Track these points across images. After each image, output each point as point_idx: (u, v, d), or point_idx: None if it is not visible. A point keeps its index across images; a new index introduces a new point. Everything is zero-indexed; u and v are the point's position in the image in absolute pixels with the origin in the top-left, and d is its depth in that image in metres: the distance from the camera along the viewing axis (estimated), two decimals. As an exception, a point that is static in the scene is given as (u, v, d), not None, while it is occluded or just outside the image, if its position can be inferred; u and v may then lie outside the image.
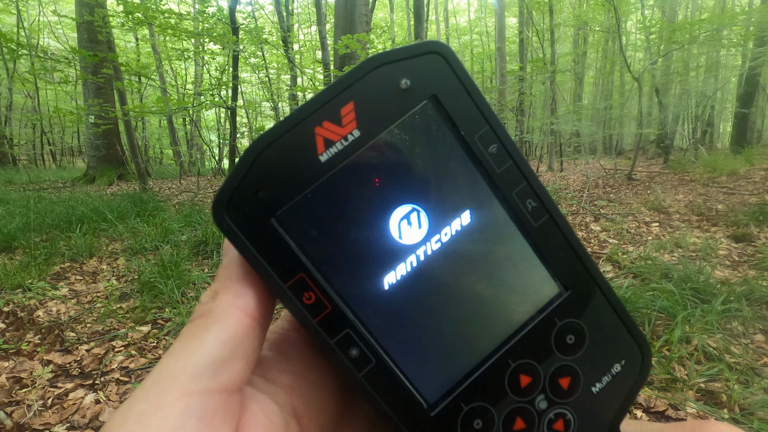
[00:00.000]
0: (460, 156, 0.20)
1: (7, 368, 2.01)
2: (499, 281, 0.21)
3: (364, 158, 0.19)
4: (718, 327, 2.18)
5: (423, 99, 0.19)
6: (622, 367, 0.21)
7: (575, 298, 0.21)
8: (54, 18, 13.77)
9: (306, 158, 0.18)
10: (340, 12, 8.66)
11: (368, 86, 0.19)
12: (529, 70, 11.91)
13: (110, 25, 6.88)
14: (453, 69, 0.20)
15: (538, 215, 0.20)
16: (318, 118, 0.18)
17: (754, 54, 9.73)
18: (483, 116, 0.20)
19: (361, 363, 0.19)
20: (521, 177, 0.20)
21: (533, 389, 0.20)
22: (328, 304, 0.19)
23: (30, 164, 15.16)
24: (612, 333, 0.21)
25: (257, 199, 0.18)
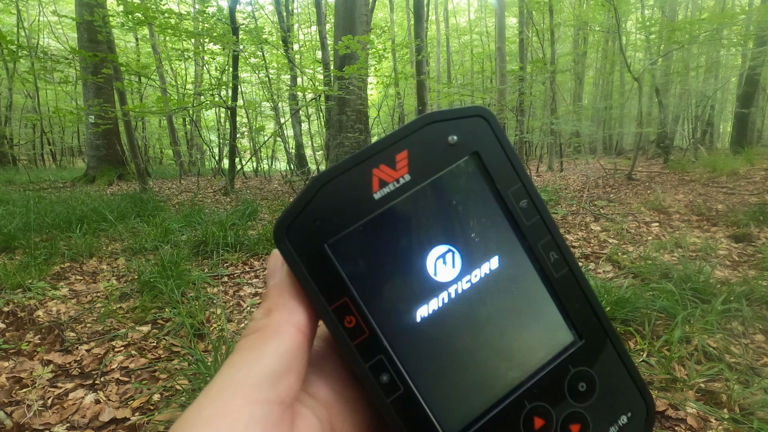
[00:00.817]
0: (494, 207, 0.22)
1: (7, 368, 2.01)
2: (520, 324, 0.22)
3: (411, 200, 0.21)
4: (718, 327, 2.18)
5: (467, 154, 0.22)
6: (628, 420, 0.22)
7: (588, 348, 0.22)
8: (54, 18, 13.76)
9: (362, 195, 0.21)
10: (340, 12, 8.66)
11: (421, 138, 0.22)
12: (529, 70, 11.91)
13: (110, 25, 6.88)
14: (494, 131, 0.22)
15: (559, 267, 0.22)
16: (376, 161, 0.21)
17: (754, 54, 9.73)
18: (517, 174, 0.22)
19: (390, 389, 0.21)
20: (546, 231, 0.22)
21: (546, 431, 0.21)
22: (366, 329, 0.21)
23: (30, 164, 15.16)
24: (620, 385, 0.22)
25: (315, 226, 0.21)
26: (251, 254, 3.87)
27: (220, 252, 3.75)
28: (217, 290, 3.05)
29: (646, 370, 1.88)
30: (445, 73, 20.79)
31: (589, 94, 20.48)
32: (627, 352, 0.23)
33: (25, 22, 13.86)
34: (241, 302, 2.90)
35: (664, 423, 1.59)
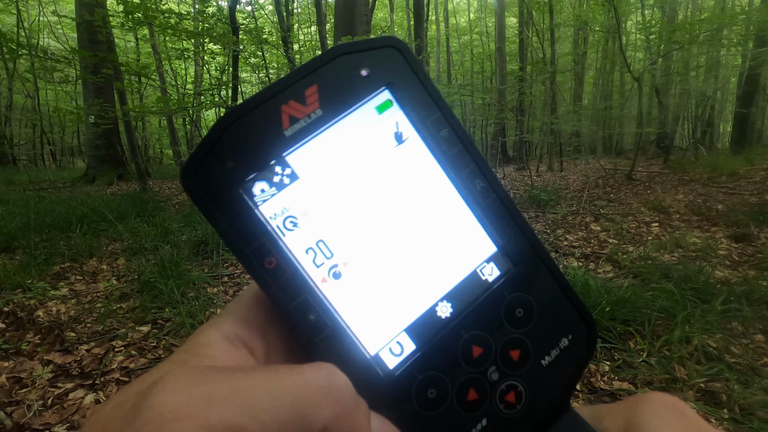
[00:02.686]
0: (414, 138, 0.22)
1: (7, 368, 2.01)
2: (447, 250, 0.22)
3: (325, 136, 0.21)
4: (718, 327, 2.18)
5: (380, 86, 0.21)
6: (569, 342, 0.22)
7: (523, 274, 0.22)
8: (54, 18, 13.76)
9: (272, 132, 0.20)
10: (340, 12, 8.66)
11: (331, 72, 0.20)
12: (529, 70, 11.91)
13: (110, 25, 6.88)
14: (407, 61, 0.21)
15: (486, 194, 0.22)
16: (284, 96, 0.20)
17: (754, 54, 9.73)
18: (435, 103, 0.21)
19: (318, 328, 0.20)
20: (470, 160, 0.22)
21: (485, 360, 0.21)
22: (287, 269, 0.20)
23: (30, 164, 15.15)
24: (559, 309, 0.22)
25: (226, 167, 0.19)
26: (251, 254, 3.86)
27: (220, 252, 3.75)
28: (217, 290, 3.05)
29: (646, 370, 1.88)
30: (445, 73, 20.79)
31: (589, 94, 20.48)
32: (563, 276, 0.22)
33: (25, 22, 13.86)
34: (241, 302, 2.90)
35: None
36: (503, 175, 10.69)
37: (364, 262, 0.21)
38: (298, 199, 0.20)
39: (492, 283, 0.22)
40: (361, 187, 0.21)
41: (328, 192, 0.21)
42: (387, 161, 0.21)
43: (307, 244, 0.21)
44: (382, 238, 0.21)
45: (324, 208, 0.21)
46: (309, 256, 0.20)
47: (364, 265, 0.21)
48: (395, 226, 0.21)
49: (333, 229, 0.21)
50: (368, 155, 0.21)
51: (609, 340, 2.16)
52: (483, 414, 0.21)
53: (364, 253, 0.21)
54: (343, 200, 0.21)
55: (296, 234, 0.20)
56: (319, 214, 0.21)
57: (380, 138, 0.21)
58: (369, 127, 0.21)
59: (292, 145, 0.20)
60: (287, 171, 0.20)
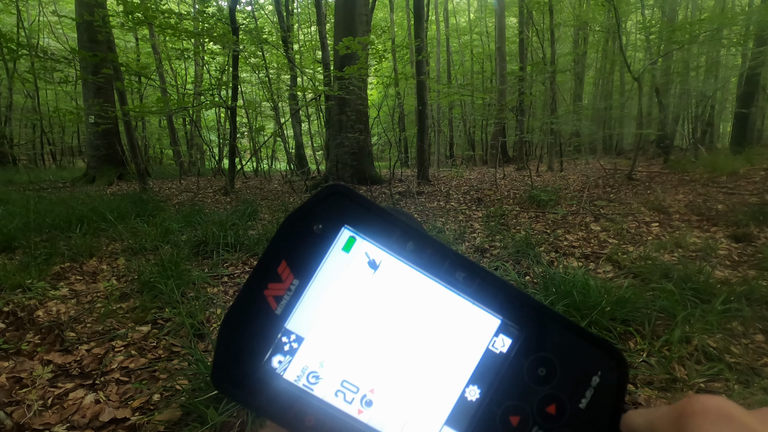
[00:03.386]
0: (389, 261, 0.23)
1: (7, 368, 2.01)
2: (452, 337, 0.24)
3: (308, 299, 0.23)
4: (718, 327, 2.18)
5: (338, 230, 0.23)
6: (600, 378, 0.23)
7: (532, 334, 0.23)
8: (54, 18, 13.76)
9: (266, 316, 0.22)
10: (340, 12, 8.66)
11: (291, 243, 0.23)
12: (529, 70, 11.91)
13: (110, 25, 6.87)
14: (352, 199, 0.23)
15: (471, 280, 0.23)
16: (264, 283, 0.22)
17: (754, 54, 9.73)
18: (391, 224, 0.23)
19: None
20: (443, 257, 0.23)
21: (526, 425, 0.22)
22: (327, 418, 0.22)
23: (30, 164, 15.15)
24: (578, 352, 0.23)
25: (244, 360, 0.22)
26: (251, 254, 3.87)
27: (220, 252, 3.75)
28: (217, 290, 3.05)
29: (646, 370, 1.88)
30: (445, 73, 20.78)
31: (589, 94, 20.47)
32: (570, 321, 0.24)
33: (25, 22, 13.85)
34: (241, 302, 2.90)
35: (664, 423, 1.59)
36: (503, 175, 10.68)
37: (387, 383, 0.23)
38: (311, 356, 0.23)
39: (507, 353, 0.23)
40: (359, 321, 0.23)
41: (332, 338, 0.23)
42: (371, 289, 0.23)
43: (334, 388, 0.23)
44: (395, 356, 0.23)
45: (335, 352, 0.23)
46: (339, 398, 0.23)
47: (389, 385, 0.23)
48: (402, 342, 0.23)
49: (350, 366, 0.23)
50: (353, 292, 0.23)
51: (609, 340, 2.16)
52: None
53: (384, 376, 0.23)
54: (348, 339, 0.23)
55: (321, 385, 0.23)
56: (333, 359, 0.23)
57: (357, 272, 0.23)
58: (344, 267, 0.23)
59: (286, 317, 0.23)
60: (292, 337, 0.23)
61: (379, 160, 16.18)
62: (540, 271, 3.00)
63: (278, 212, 5.79)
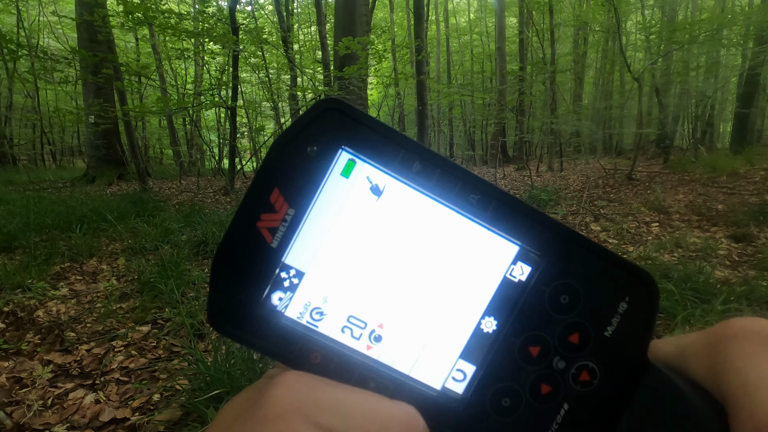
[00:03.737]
0: (394, 185, 0.21)
1: (7, 368, 2.01)
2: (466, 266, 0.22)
3: (308, 228, 0.21)
4: (718, 327, 2.18)
5: (335, 152, 0.20)
6: (628, 304, 0.22)
7: (554, 260, 0.22)
8: (54, 18, 13.76)
9: (262, 250, 0.20)
10: (340, 12, 8.66)
11: (282, 168, 0.20)
12: (529, 70, 11.91)
13: (110, 25, 6.87)
14: (350, 116, 0.20)
15: (486, 203, 0.21)
16: (255, 214, 0.20)
17: (754, 54, 9.73)
18: (395, 143, 0.21)
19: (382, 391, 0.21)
20: (454, 178, 0.21)
21: (546, 355, 0.21)
22: (333, 355, 0.21)
23: (30, 164, 15.15)
24: (604, 277, 0.22)
25: (240, 299, 0.21)
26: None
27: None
28: (217, 290, 3.04)
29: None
30: (445, 73, 20.79)
31: (589, 94, 20.48)
32: (597, 244, 0.22)
33: (25, 22, 13.85)
34: (241, 302, 2.90)
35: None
36: (503, 175, 10.69)
37: (396, 316, 0.22)
38: (313, 291, 0.21)
39: (527, 281, 0.22)
40: (364, 252, 0.21)
41: (335, 272, 0.21)
42: (375, 217, 0.21)
43: (340, 324, 0.21)
44: (405, 288, 0.22)
45: (339, 286, 0.21)
46: (346, 334, 0.21)
47: (398, 319, 0.22)
48: (412, 272, 0.22)
49: (356, 301, 0.22)
50: (355, 221, 0.21)
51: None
52: (562, 400, 0.21)
53: (393, 309, 0.22)
54: (352, 272, 0.21)
55: (326, 321, 0.21)
56: (337, 294, 0.21)
57: (358, 198, 0.21)
58: (343, 194, 0.21)
59: (284, 250, 0.21)
60: (292, 272, 0.21)
61: (379, 160, 16.12)
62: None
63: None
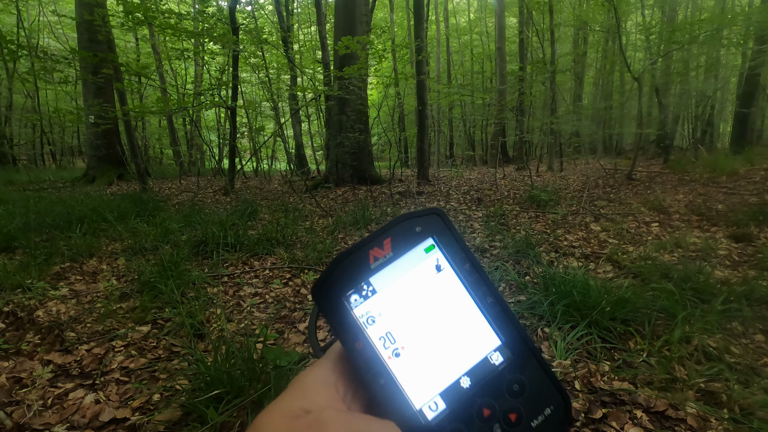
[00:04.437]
0: (447, 270, 0.33)
1: (7, 368, 2.01)
2: (470, 346, 0.32)
3: (392, 267, 0.33)
4: (718, 327, 2.18)
5: (428, 236, 0.33)
6: (551, 411, 0.30)
7: (518, 361, 0.31)
8: (54, 18, 13.76)
9: (363, 266, 0.32)
10: (340, 12, 8.66)
11: (399, 229, 0.33)
12: (529, 70, 11.90)
13: (110, 25, 6.88)
14: (445, 222, 0.34)
15: (494, 306, 0.32)
16: (371, 245, 0.32)
17: (754, 54, 9.73)
18: (461, 248, 0.33)
19: (385, 389, 0.30)
20: (484, 284, 0.33)
21: (492, 419, 0.30)
22: (369, 349, 0.30)
23: (30, 164, 15.16)
24: (543, 386, 0.31)
25: (336, 287, 0.31)
26: (251, 254, 3.87)
27: (220, 252, 3.75)
28: (217, 290, 3.05)
29: (646, 370, 1.88)
30: (445, 73, 20.78)
31: (589, 94, 20.47)
32: (546, 362, 0.32)
33: (25, 22, 13.85)
34: (241, 302, 2.90)
35: (664, 423, 1.59)
36: (503, 175, 10.68)
37: (414, 348, 0.31)
38: (376, 306, 0.32)
39: (497, 366, 0.31)
40: (414, 298, 0.32)
41: (393, 301, 0.32)
42: (430, 283, 0.33)
43: (380, 333, 0.31)
44: (426, 333, 0.32)
45: (391, 311, 0.32)
46: (381, 342, 0.31)
47: (415, 350, 0.31)
48: (434, 325, 0.32)
49: (396, 325, 0.31)
50: (418, 279, 0.33)
51: (609, 340, 2.16)
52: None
53: (414, 342, 0.31)
54: (401, 307, 0.32)
55: (374, 327, 0.31)
56: (387, 316, 0.31)
57: (426, 268, 0.33)
58: (419, 261, 0.33)
59: (374, 273, 0.32)
60: (370, 288, 0.32)
61: (379, 160, 16.17)
62: (540, 271, 3.00)
63: (278, 212, 5.79)
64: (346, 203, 6.79)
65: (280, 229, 4.41)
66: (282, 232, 4.32)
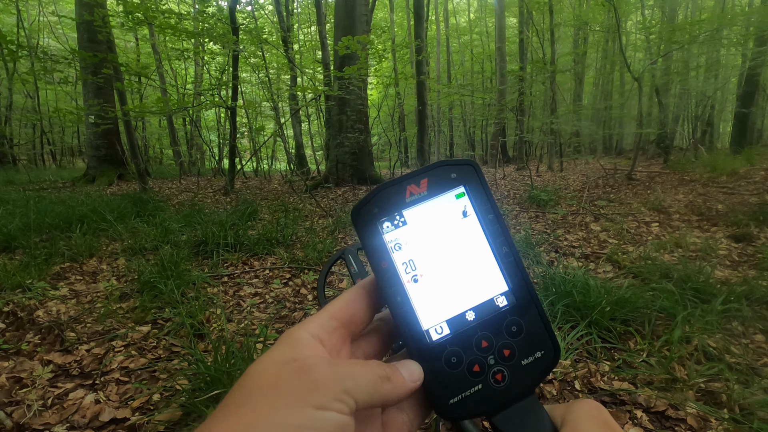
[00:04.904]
0: (474, 217, 0.36)
1: (7, 368, 2.01)
2: (481, 286, 0.35)
3: (425, 205, 0.35)
4: (718, 327, 2.18)
5: (460, 184, 0.36)
6: (541, 355, 0.34)
7: (520, 307, 0.34)
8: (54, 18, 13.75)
9: (399, 198, 0.35)
10: (340, 12, 8.66)
11: (436, 172, 0.36)
12: (529, 70, 11.90)
13: (110, 25, 6.88)
14: (477, 174, 0.36)
15: (508, 256, 0.35)
16: (410, 182, 0.35)
17: (754, 54, 9.73)
18: (488, 200, 0.36)
19: (401, 306, 0.33)
20: (502, 233, 0.35)
21: (488, 350, 0.33)
22: (392, 270, 0.33)
23: (30, 164, 15.15)
24: (538, 332, 0.34)
25: (373, 212, 0.34)
26: (251, 254, 3.87)
27: (220, 252, 3.75)
28: (217, 290, 3.05)
29: (646, 370, 1.88)
30: (445, 73, 20.78)
31: (589, 94, 20.47)
32: (545, 314, 0.35)
33: (25, 22, 13.85)
34: (241, 302, 2.90)
35: (664, 423, 1.59)
36: (503, 175, 10.68)
37: (431, 277, 0.34)
38: (404, 235, 0.34)
39: (501, 308, 0.34)
40: (438, 236, 0.35)
41: (420, 235, 0.35)
42: (455, 225, 0.35)
43: (404, 259, 0.34)
44: (443, 267, 0.35)
45: (416, 242, 0.35)
46: (403, 267, 0.34)
47: (431, 279, 0.34)
48: (452, 262, 0.35)
49: (418, 255, 0.34)
50: (446, 219, 0.35)
51: (609, 340, 2.16)
52: (479, 381, 0.33)
53: (432, 273, 0.34)
54: (426, 241, 0.35)
55: (399, 253, 0.34)
56: (412, 246, 0.34)
57: (454, 212, 0.36)
58: (449, 204, 0.36)
59: (407, 206, 0.35)
60: (402, 219, 0.35)
61: (379, 160, 16.16)
62: (540, 271, 3.00)
63: (278, 212, 5.79)
64: (346, 203, 6.79)
65: (280, 229, 4.41)
66: (282, 232, 4.32)
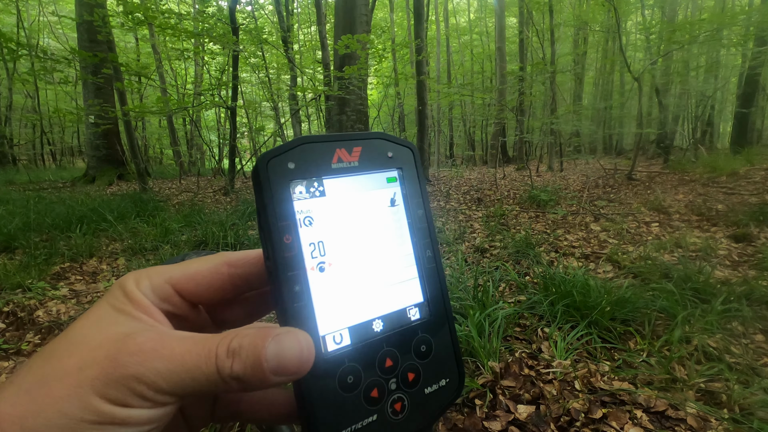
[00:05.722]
0: (401, 209, 0.32)
1: (7, 368, 2.01)
2: (394, 289, 0.30)
3: (351, 179, 0.30)
4: (718, 327, 2.18)
5: (394, 167, 0.31)
6: (446, 383, 0.30)
7: (433, 323, 0.30)
8: (54, 18, 13.75)
9: (324, 161, 0.29)
10: (340, 12, 8.66)
11: (373, 144, 0.31)
12: (529, 70, 11.90)
13: (110, 25, 6.87)
14: (415, 160, 0.32)
15: (429, 262, 0.31)
16: (341, 145, 0.29)
17: (754, 54, 9.73)
18: (421, 193, 0.32)
19: (297, 298, 0.26)
20: (429, 235, 0.31)
21: (391, 372, 0.28)
22: (295, 249, 0.27)
23: (30, 164, 15.16)
24: (447, 357, 0.31)
25: (286, 167, 0.27)
26: (251, 254, 3.87)
27: (220, 252, 3.75)
28: (217, 290, 3.04)
29: (646, 370, 1.88)
30: (445, 73, 20.78)
31: (589, 94, 20.47)
32: (457, 336, 0.31)
33: (25, 22, 13.85)
34: (241, 302, 2.90)
35: (664, 423, 1.59)
36: (503, 175, 10.68)
37: (340, 270, 0.29)
38: (318, 209, 0.28)
39: (413, 321, 0.30)
40: (358, 221, 0.30)
41: (337, 214, 0.29)
42: (380, 213, 0.31)
43: (312, 239, 0.28)
44: (357, 261, 0.29)
45: (331, 222, 0.29)
46: (310, 249, 0.28)
47: (340, 272, 0.29)
48: (367, 258, 0.30)
49: (330, 239, 0.29)
50: (371, 203, 0.30)
51: (609, 340, 2.16)
52: (376, 411, 0.27)
53: (342, 265, 0.29)
54: (344, 224, 0.29)
55: (309, 230, 0.28)
56: (326, 224, 0.29)
57: (381, 197, 0.31)
58: (377, 187, 0.31)
59: (331, 175, 0.29)
60: (320, 188, 0.28)
61: (379, 160, 16.13)
62: (540, 271, 3.00)
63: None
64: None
65: (280, 229, 4.41)
66: (282, 232, 4.32)
